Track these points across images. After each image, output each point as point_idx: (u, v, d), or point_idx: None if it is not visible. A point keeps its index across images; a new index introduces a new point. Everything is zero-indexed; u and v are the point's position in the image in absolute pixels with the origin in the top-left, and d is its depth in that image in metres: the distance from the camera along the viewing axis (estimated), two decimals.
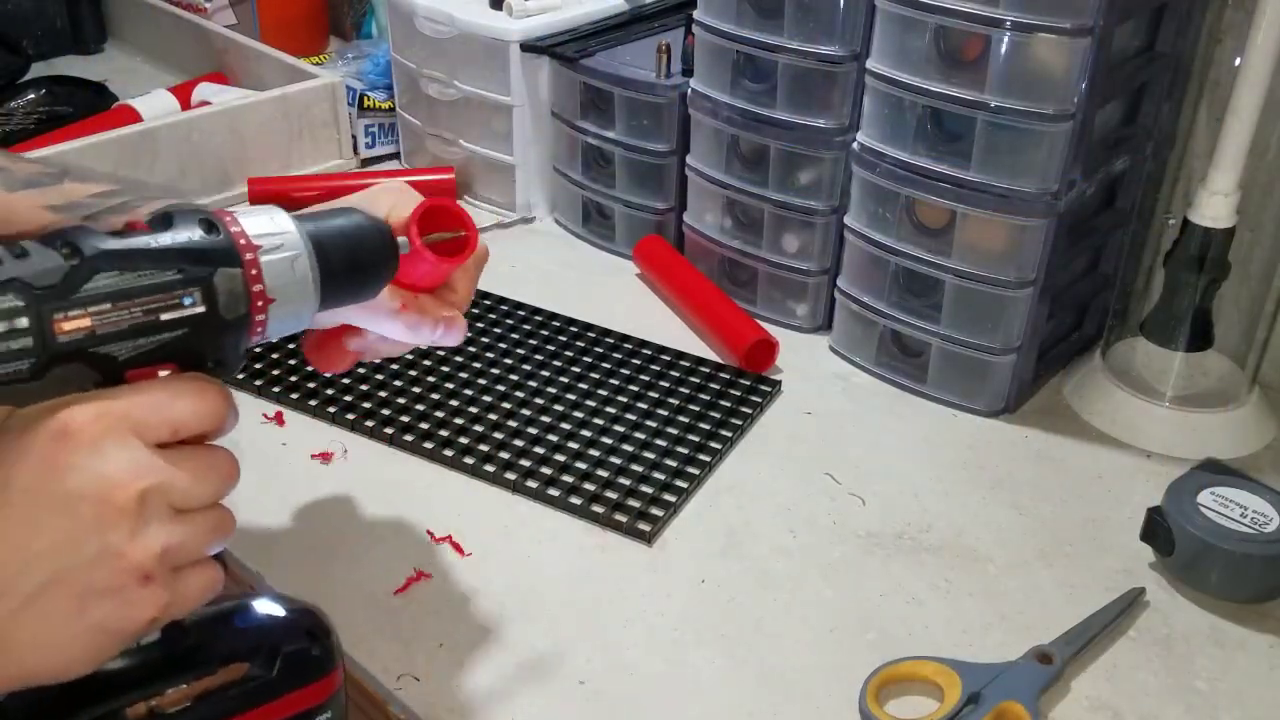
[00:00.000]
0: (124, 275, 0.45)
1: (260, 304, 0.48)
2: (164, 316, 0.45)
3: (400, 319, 0.60)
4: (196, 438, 0.46)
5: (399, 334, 0.61)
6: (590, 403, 0.87)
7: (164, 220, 0.48)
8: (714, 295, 0.99)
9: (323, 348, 0.64)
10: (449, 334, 0.62)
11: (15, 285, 0.43)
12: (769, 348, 0.92)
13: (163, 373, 0.46)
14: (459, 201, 1.13)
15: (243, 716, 0.51)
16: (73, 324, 0.43)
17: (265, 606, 0.55)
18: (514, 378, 0.89)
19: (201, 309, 0.46)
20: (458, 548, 0.74)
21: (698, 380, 0.90)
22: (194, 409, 0.46)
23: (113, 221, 0.50)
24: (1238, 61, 0.77)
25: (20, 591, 0.42)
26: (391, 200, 0.59)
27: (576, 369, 0.91)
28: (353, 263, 0.52)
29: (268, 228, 0.49)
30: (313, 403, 0.86)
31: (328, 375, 0.89)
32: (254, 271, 0.48)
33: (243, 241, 0.48)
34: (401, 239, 0.55)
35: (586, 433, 0.83)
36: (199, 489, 0.46)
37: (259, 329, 0.49)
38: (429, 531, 0.75)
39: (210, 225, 0.48)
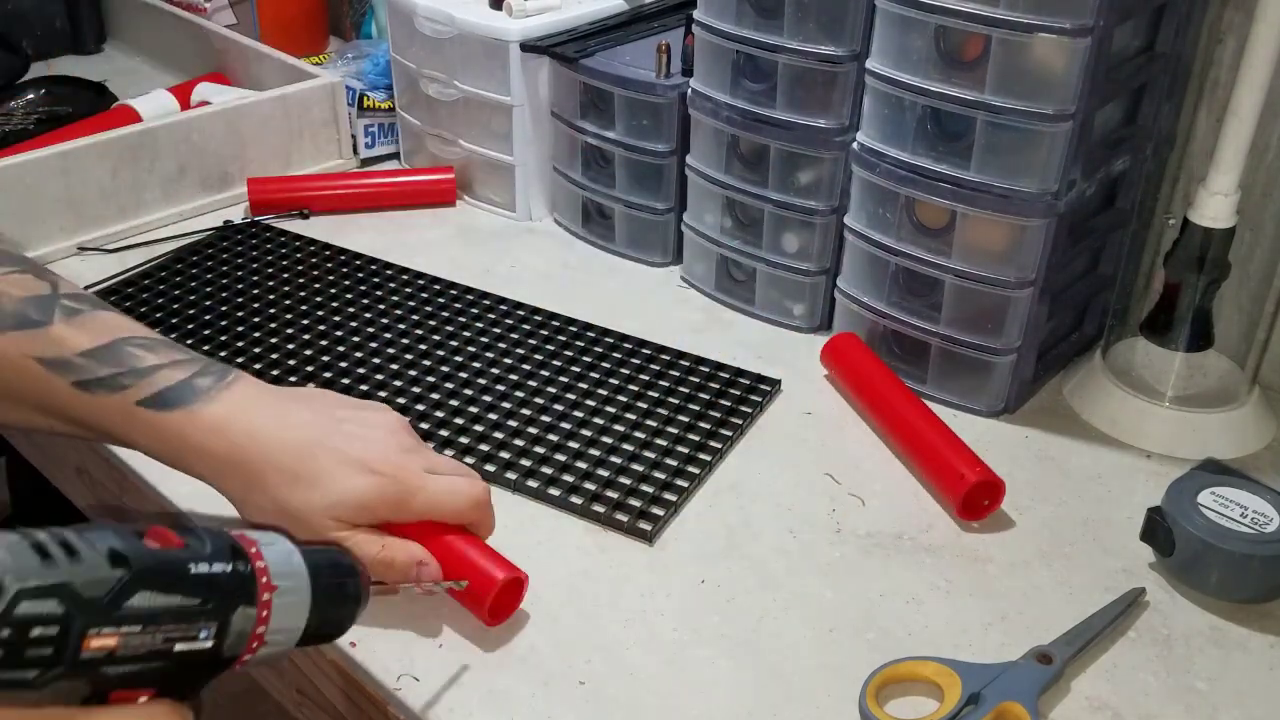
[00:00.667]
0: (158, 596, 0.43)
1: (255, 645, 0.47)
2: (177, 647, 0.44)
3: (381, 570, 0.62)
4: None
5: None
6: (590, 403, 0.87)
7: (194, 535, 0.46)
8: (926, 421, 0.82)
9: None
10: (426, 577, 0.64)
11: (65, 592, 0.41)
12: (992, 490, 0.77)
13: (142, 698, 0.45)
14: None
15: None
16: (101, 642, 0.42)
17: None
18: (514, 378, 0.89)
19: (210, 644, 0.45)
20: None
21: (697, 380, 0.90)
22: None
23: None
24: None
25: None
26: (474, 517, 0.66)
27: (576, 369, 0.91)
28: (337, 607, 0.52)
29: (284, 567, 0.48)
30: None
31: (327, 376, 0.89)
32: (264, 613, 0.47)
33: (264, 580, 0.47)
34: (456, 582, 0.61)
35: (586, 433, 0.83)
36: None
37: (238, 666, 0.48)
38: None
39: (237, 552, 0.46)
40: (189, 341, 0.93)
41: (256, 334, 0.95)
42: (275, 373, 0.90)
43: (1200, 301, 0.84)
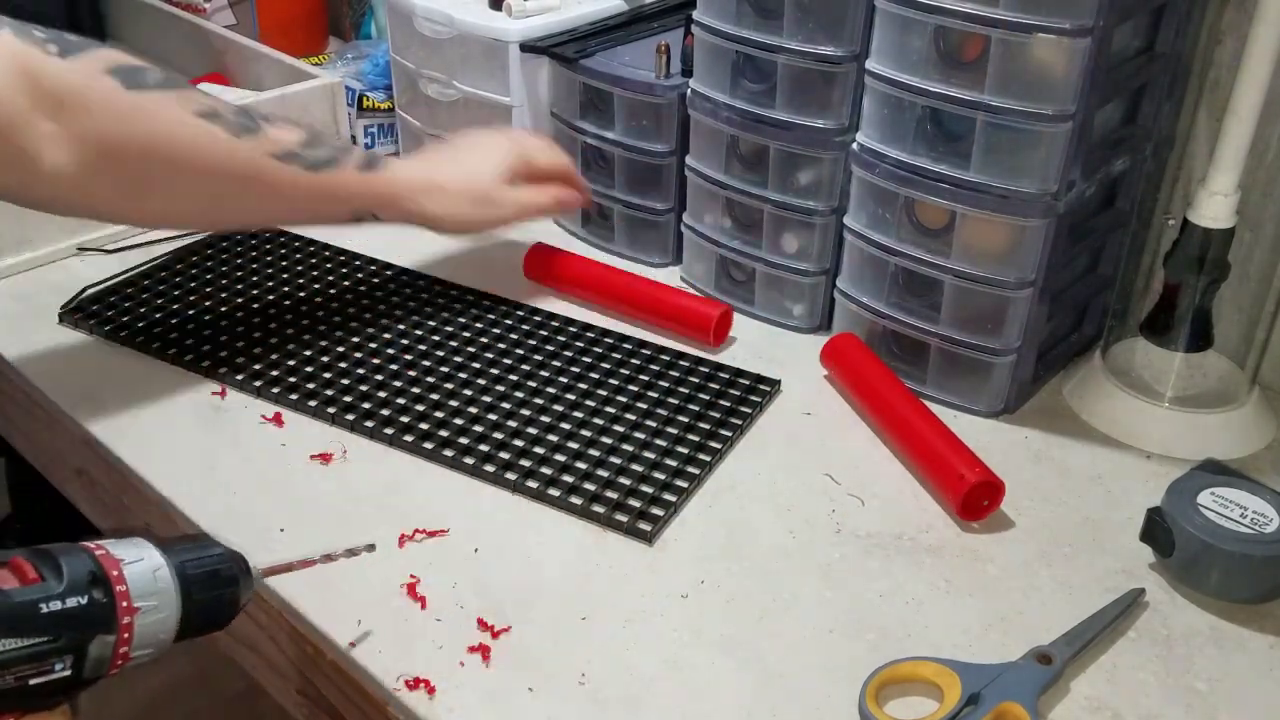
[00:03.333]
0: (5, 640, 0.43)
1: (119, 663, 0.47)
2: (32, 682, 0.44)
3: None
4: None
5: None
6: (590, 403, 0.87)
7: (53, 566, 0.46)
8: (926, 422, 0.83)
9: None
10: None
11: None
12: (992, 491, 0.77)
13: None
14: None
15: None
16: None
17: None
18: (514, 378, 0.89)
19: (68, 673, 0.45)
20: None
21: (697, 380, 0.90)
22: None
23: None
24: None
25: None
26: (535, 154, 0.99)
27: (576, 369, 0.91)
28: (208, 610, 0.52)
29: (149, 586, 0.48)
30: (312, 403, 0.86)
31: (327, 376, 0.89)
32: (126, 635, 0.47)
33: (124, 604, 0.47)
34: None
35: (586, 433, 0.83)
36: None
37: (102, 679, 0.48)
38: (421, 529, 0.75)
39: (95, 579, 0.46)
40: (188, 342, 0.93)
41: (256, 335, 0.95)
42: (275, 373, 0.90)
43: (1200, 302, 0.84)
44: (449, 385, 0.89)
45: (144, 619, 0.48)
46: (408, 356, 0.92)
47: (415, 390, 0.88)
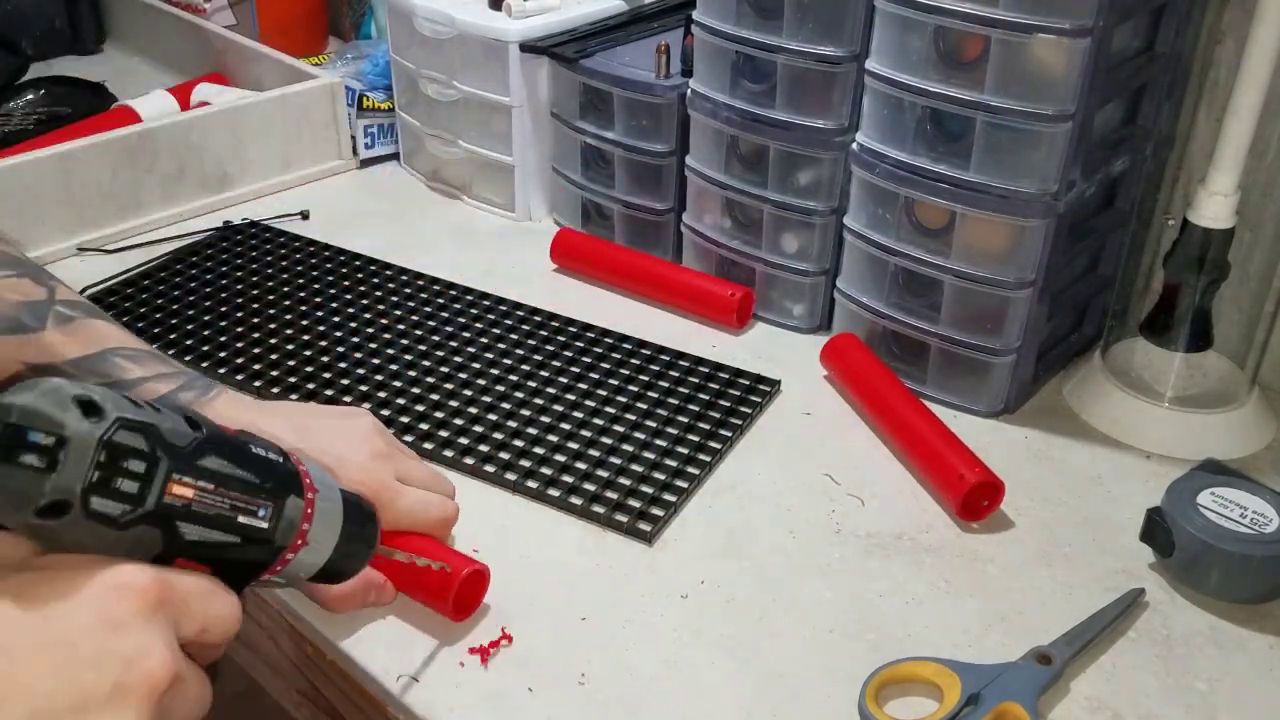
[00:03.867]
0: (227, 464, 0.45)
1: (299, 543, 0.49)
2: (240, 519, 0.46)
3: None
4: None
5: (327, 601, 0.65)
6: (590, 403, 0.87)
7: (248, 435, 0.49)
8: (926, 422, 0.82)
9: None
10: (378, 600, 0.67)
11: (153, 434, 0.43)
12: (992, 491, 0.77)
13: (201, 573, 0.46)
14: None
15: None
16: (181, 489, 0.43)
17: None
18: (514, 378, 0.89)
19: (265, 525, 0.47)
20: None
21: (697, 380, 0.90)
22: (225, 615, 0.45)
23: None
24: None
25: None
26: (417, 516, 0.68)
27: (576, 369, 0.91)
28: (360, 531, 0.54)
29: (320, 478, 0.51)
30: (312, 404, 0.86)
31: (326, 376, 0.89)
32: (309, 510, 0.49)
33: (308, 480, 0.50)
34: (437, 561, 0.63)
35: (586, 433, 0.83)
36: (196, 709, 0.45)
37: (280, 567, 0.49)
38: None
39: (284, 455, 0.49)
40: (188, 342, 0.93)
41: (256, 335, 0.95)
42: (275, 373, 0.90)
43: (1200, 302, 0.84)
44: (449, 385, 0.89)
45: (321, 504, 0.50)
46: (408, 356, 0.92)
47: (415, 390, 0.88)
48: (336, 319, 0.97)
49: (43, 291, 0.66)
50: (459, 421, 0.84)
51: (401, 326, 0.96)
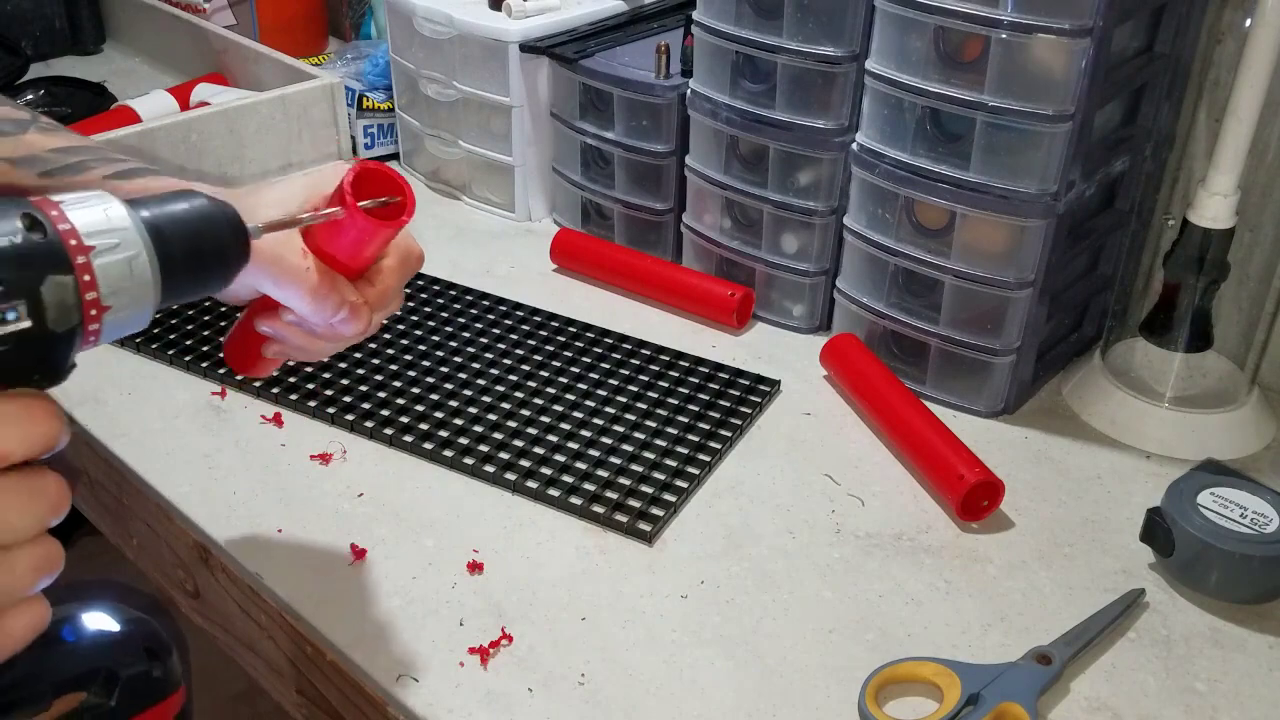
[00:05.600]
0: None
1: (94, 313, 0.43)
2: None
3: (305, 282, 0.56)
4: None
5: (301, 303, 0.57)
6: (590, 403, 0.87)
7: None
8: (926, 422, 0.82)
9: (238, 347, 0.63)
10: (350, 321, 0.58)
11: None
12: (992, 491, 0.77)
13: None
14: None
15: None
16: None
17: (97, 620, 0.49)
18: (514, 378, 0.89)
19: (27, 324, 0.41)
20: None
21: (697, 380, 0.90)
22: (21, 435, 0.41)
23: None
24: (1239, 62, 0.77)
25: None
26: (339, 174, 0.57)
27: (576, 369, 0.91)
28: (197, 254, 0.46)
29: (101, 223, 0.43)
30: (311, 404, 0.86)
31: (326, 376, 0.89)
32: (86, 278, 0.42)
33: (73, 242, 0.42)
34: (330, 210, 0.52)
35: (586, 433, 0.83)
36: (24, 522, 0.41)
37: (91, 338, 0.44)
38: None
39: (34, 222, 0.42)
40: (188, 342, 0.93)
41: None
42: (275, 373, 0.89)
43: (1199, 302, 0.84)
44: (449, 385, 0.89)
45: (104, 259, 0.43)
46: (408, 356, 0.92)
47: (415, 390, 0.88)
48: None
49: (25, 113, 0.66)
50: (459, 421, 0.84)
51: (401, 326, 0.96)
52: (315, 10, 1.52)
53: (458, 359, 0.92)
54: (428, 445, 0.82)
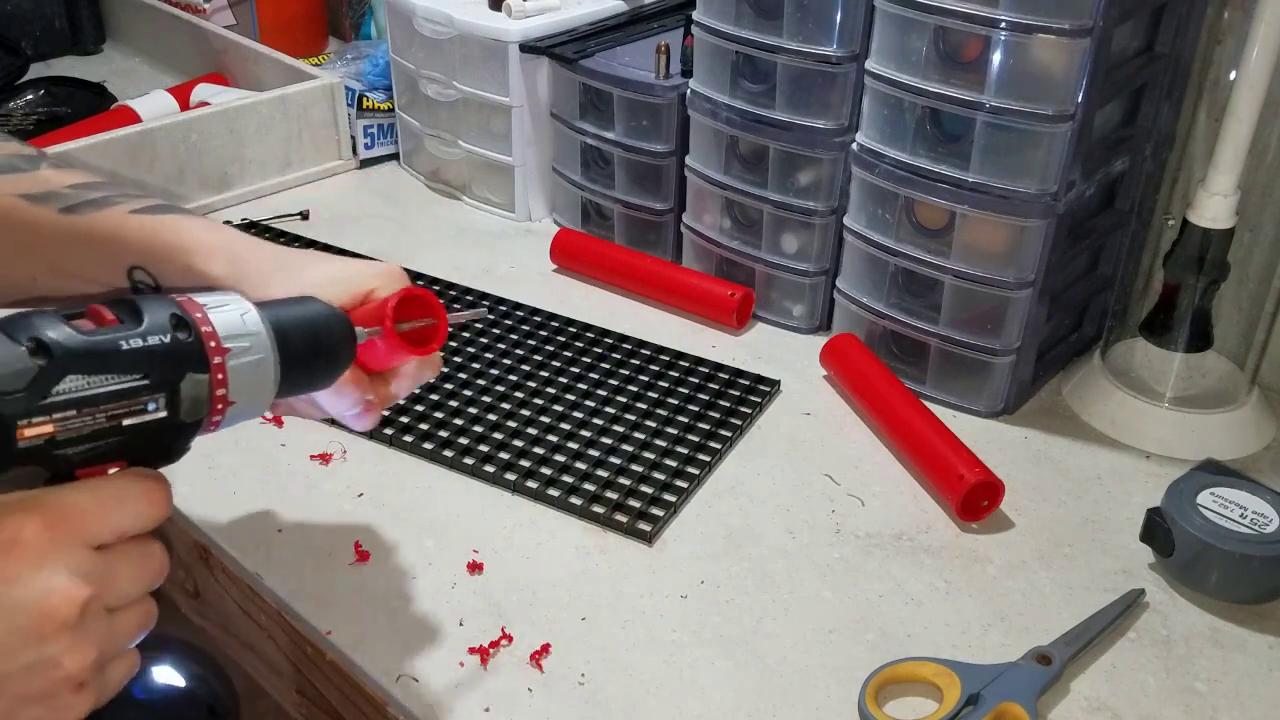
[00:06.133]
0: (91, 379, 0.43)
1: (220, 407, 0.47)
2: (125, 422, 0.44)
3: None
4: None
5: (324, 393, 0.58)
6: (590, 403, 0.87)
7: (131, 311, 0.45)
8: (926, 422, 0.82)
9: None
10: (361, 417, 0.60)
11: None
12: (992, 491, 0.77)
13: (112, 470, 0.45)
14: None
15: None
16: (35, 430, 0.42)
17: (165, 675, 0.52)
18: (514, 378, 0.89)
19: (163, 414, 0.45)
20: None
21: (697, 380, 0.90)
22: (139, 512, 0.46)
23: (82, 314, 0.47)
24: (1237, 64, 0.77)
25: None
26: (377, 282, 0.59)
27: (576, 369, 0.91)
28: (313, 358, 0.51)
29: (237, 327, 0.48)
30: None
31: None
32: (220, 376, 0.47)
33: (213, 344, 0.47)
34: (370, 329, 0.55)
35: (586, 433, 0.83)
36: (134, 588, 0.46)
37: (212, 428, 0.48)
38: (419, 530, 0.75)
39: (180, 322, 0.46)
40: None
41: None
42: None
43: (1199, 302, 0.84)
44: (448, 386, 0.89)
45: (236, 360, 0.47)
46: None
47: (415, 390, 0.88)
48: None
49: (34, 150, 0.67)
50: (459, 421, 0.84)
51: None
52: (315, 10, 1.52)
53: (457, 359, 0.92)
54: (428, 445, 0.82)
